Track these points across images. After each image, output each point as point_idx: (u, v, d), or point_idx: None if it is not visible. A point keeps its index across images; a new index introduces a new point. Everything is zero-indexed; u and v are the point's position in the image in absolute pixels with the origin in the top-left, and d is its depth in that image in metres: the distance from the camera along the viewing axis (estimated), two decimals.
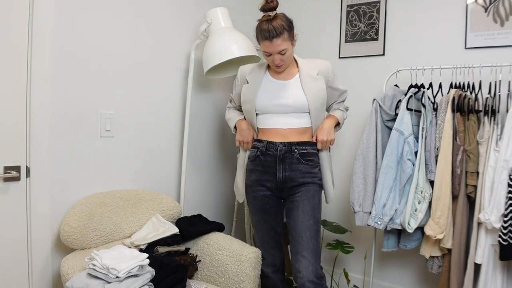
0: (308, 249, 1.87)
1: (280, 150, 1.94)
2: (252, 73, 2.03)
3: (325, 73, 1.99)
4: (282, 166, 1.95)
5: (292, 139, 1.95)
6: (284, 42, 1.84)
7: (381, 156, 2.24)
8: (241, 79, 2.07)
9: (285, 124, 1.95)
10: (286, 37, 1.84)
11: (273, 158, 1.95)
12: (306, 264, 1.85)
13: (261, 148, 1.98)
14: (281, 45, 1.83)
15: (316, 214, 1.94)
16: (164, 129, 2.41)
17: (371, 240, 2.63)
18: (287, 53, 1.87)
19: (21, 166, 1.79)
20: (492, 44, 2.29)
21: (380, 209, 2.19)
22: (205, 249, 2.07)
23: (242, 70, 2.09)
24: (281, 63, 1.90)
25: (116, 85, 2.14)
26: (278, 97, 1.94)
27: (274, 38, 1.81)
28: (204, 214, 2.48)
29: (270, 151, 1.96)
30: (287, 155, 1.94)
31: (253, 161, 2.01)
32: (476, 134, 2.08)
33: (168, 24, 2.39)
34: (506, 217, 1.87)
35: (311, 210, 1.92)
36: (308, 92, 1.92)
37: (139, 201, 2.09)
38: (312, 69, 1.97)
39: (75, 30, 1.94)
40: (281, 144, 1.94)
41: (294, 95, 1.93)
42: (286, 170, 1.95)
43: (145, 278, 1.60)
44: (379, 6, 2.68)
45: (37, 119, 1.82)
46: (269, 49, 1.84)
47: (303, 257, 1.86)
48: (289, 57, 1.90)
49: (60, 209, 1.90)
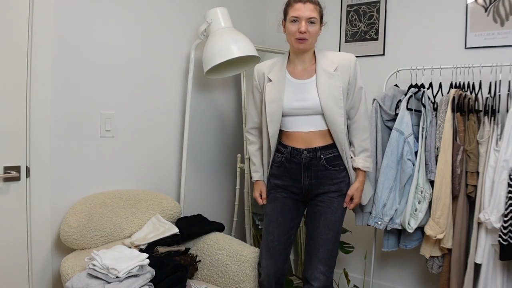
0: (323, 261, 1.83)
1: (305, 158, 1.85)
2: (273, 71, 1.91)
3: (346, 68, 1.84)
4: (307, 174, 1.87)
5: (315, 144, 1.85)
6: (315, 12, 1.78)
7: (381, 156, 2.24)
8: (259, 78, 1.96)
9: (307, 127, 1.85)
10: (317, 9, 1.80)
11: (298, 166, 1.87)
12: (320, 276, 1.82)
13: (286, 155, 1.89)
14: (313, 11, 1.77)
15: (337, 227, 1.89)
16: (164, 129, 2.41)
17: (371, 240, 2.63)
18: (314, 27, 1.79)
19: (21, 166, 1.79)
20: (492, 44, 2.29)
21: (380, 209, 2.19)
22: (205, 249, 2.07)
23: (259, 68, 1.98)
24: (306, 35, 1.78)
25: (116, 85, 2.14)
26: (298, 99, 1.84)
27: (308, 2, 1.77)
28: (204, 214, 2.47)
29: (295, 158, 1.87)
30: (312, 162, 1.85)
31: (278, 166, 1.93)
32: (476, 134, 2.08)
33: (168, 24, 2.39)
34: (506, 217, 1.87)
35: (333, 224, 1.86)
36: (321, 92, 1.81)
37: (139, 201, 2.09)
38: (329, 64, 1.84)
39: (75, 30, 1.94)
40: (305, 150, 1.85)
41: (312, 97, 1.83)
42: (312, 178, 1.87)
43: (145, 278, 1.60)
44: (379, 6, 2.68)
45: (37, 119, 1.81)
46: (300, 12, 1.76)
47: (318, 270, 1.82)
48: (314, 35, 1.81)
49: (60, 209, 1.90)
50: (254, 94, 2.01)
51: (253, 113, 2.04)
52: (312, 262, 1.85)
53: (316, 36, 1.84)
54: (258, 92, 1.98)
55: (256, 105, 2.01)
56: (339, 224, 1.90)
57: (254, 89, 2.00)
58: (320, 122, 1.85)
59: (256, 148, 2.06)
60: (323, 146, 1.86)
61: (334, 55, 1.89)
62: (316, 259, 1.84)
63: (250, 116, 2.07)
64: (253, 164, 2.06)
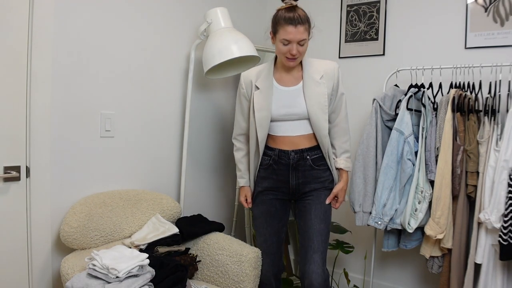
0: (318, 252, 1.88)
1: (293, 159, 1.92)
2: (260, 79, 1.96)
3: (331, 76, 1.93)
4: (295, 174, 1.94)
5: (302, 145, 1.93)
6: (306, 33, 1.82)
7: (381, 156, 2.24)
8: (246, 86, 2.00)
9: (294, 132, 1.93)
10: (307, 29, 1.83)
11: (286, 167, 1.94)
12: (316, 268, 1.86)
13: (273, 157, 1.95)
14: (303, 34, 1.80)
15: (327, 218, 1.96)
16: (164, 129, 2.41)
17: (371, 240, 2.63)
18: (304, 46, 1.84)
19: (21, 166, 1.78)
20: (492, 44, 2.29)
21: (380, 209, 2.19)
22: (205, 249, 2.07)
23: (246, 76, 2.02)
24: (297, 55, 1.84)
25: (116, 85, 2.14)
26: (285, 106, 1.91)
27: (298, 24, 1.78)
28: (204, 214, 2.47)
29: (283, 159, 1.94)
30: (300, 163, 1.93)
31: (266, 169, 1.98)
32: (476, 134, 2.08)
33: (168, 24, 2.39)
34: (506, 217, 1.87)
35: (323, 214, 1.93)
36: (308, 99, 1.89)
37: (139, 201, 2.09)
38: (315, 72, 1.93)
39: (75, 30, 1.94)
40: (293, 152, 1.92)
41: (298, 103, 1.90)
42: (299, 177, 1.95)
43: (145, 278, 1.60)
44: (379, 6, 2.68)
45: (37, 119, 1.81)
46: (291, 35, 1.79)
47: (314, 261, 1.86)
48: (304, 52, 1.87)
49: (60, 209, 1.90)
50: (241, 102, 2.05)
51: (240, 120, 2.08)
52: (308, 253, 1.89)
53: (305, 51, 1.89)
54: (246, 100, 2.02)
55: (244, 112, 2.05)
56: (329, 215, 1.97)
57: (241, 96, 2.04)
58: (306, 126, 1.93)
59: (243, 154, 2.12)
60: (309, 148, 1.94)
61: (319, 63, 1.96)
62: (311, 250, 1.88)
63: (238, 122, 2.11)
64: (239, 170, 2.13)
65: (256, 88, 1.96)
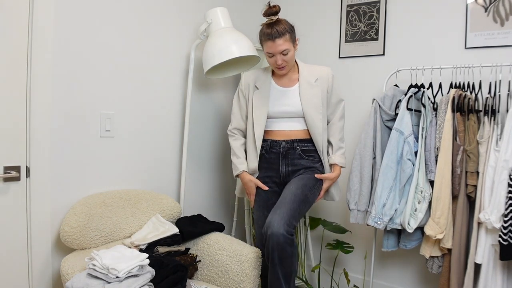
0: (285, 207, 1.85)
1: (283, 147, 2.07)
2: (260, 80, 2.13)
3: (325, 79, 2.10)
4: (285, 161, 2.08)
5: (294, 136, 2.08)
6: (286, 43, 1.95)
7: (380, 156, 2.24)
8: (245, 86, 2.16)
9: (289, 127, 2.09)
10: (288, 39, 1.96)
11: (277, 155, 2.09)
12: (279, 219, 1.79)
13: (266, 147, 2.10)
14: (283, 45, 1.94)
15: (307, 189, 1.99)
16: (164, 129, 2.41)
17: (371, 240, 2.63)
18: (289, 54, 1.98)
19: (21, 166, 1.78)
20: (492, 44, 2.29)
21: (380, 209, 2.19)
22: (205, 249, 2.07)
23: (247, 75, 2.18)
24: (283, 64, 2.00)
25: (116, 85, 2.14)
26: (282, 104, 2.07)
27: (276, 38, 1.93)
28: (204, 214, 2.48)
29: (274, 148, 2.09)
30: (289, 151, 2.07)
31: (259, 159, 2.11)
32: (476, 134, 2.08)
33: (168, 24, 2.39)
34: (506, 217, 1.87)
35: (303, 184, 1.99)
36: (303, 99, 2.05)
37: (139, 201, 2.09)
38: (311, 76, 2.09)
39: (75, 30, 1.94)
40: (283, 141, 2.07)
41: (294, 102, 2.06)
42: (289, 165, 2.08)
43: (145, 278, 1.60)
44: (379, 6, 2.68)
45: (37, 119, 1.81)
46: (272, 49, 1.95)
47: (276, 214, 1.82)
48: (291, 59, 2.01)
49: (60, 209, 1.90)
50: (239, 98, 2.20)
51: (238, 115, 2.21)
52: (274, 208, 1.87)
53: (294, 57, 2.04)
54: (244, 98, 2.18)
55: (241, 108, 2.20)
56: (309, 189, 2.01)
57: (240, 93, 2.19)
58: (301, 123, 2.09)
59: (241, 143, 2.21)
60: (301, 139, 2.08)
61: (314, 69, 2.13)
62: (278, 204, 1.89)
63: (235, 117, 2.22)
64: (238, 157, 2.17)
65: (256, 89, 2.13)
